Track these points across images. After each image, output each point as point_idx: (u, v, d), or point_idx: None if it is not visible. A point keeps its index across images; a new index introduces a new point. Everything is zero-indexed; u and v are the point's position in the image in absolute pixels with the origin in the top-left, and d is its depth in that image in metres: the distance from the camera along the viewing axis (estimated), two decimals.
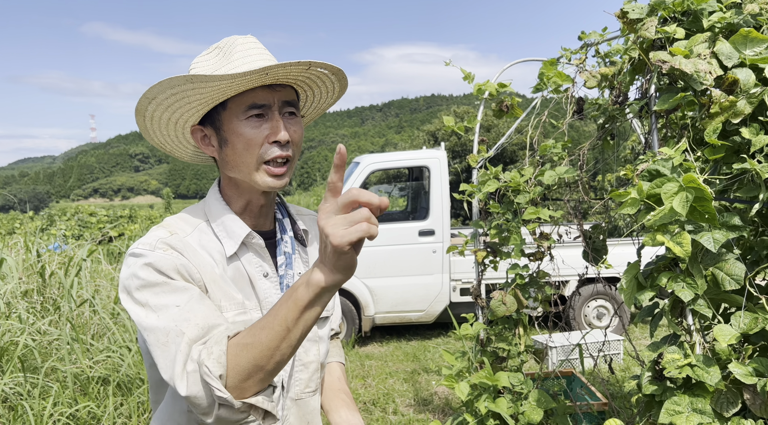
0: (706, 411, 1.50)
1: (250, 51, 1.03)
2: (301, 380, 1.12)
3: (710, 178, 1.74)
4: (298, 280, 0.86)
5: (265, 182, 1.03)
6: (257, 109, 1.01)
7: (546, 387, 2.72)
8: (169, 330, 0.89)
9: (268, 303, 1.06)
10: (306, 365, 1.13)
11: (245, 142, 1.01)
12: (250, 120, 1.01)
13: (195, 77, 0.95)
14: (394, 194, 10.67)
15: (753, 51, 1.59)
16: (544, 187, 2.67)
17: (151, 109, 1.04)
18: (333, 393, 1.24)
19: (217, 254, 1.04)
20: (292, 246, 1.13)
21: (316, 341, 1.15)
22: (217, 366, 0.84)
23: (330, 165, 51.30)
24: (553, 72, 2.64)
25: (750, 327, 1.53)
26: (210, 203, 1.10)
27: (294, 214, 1.19)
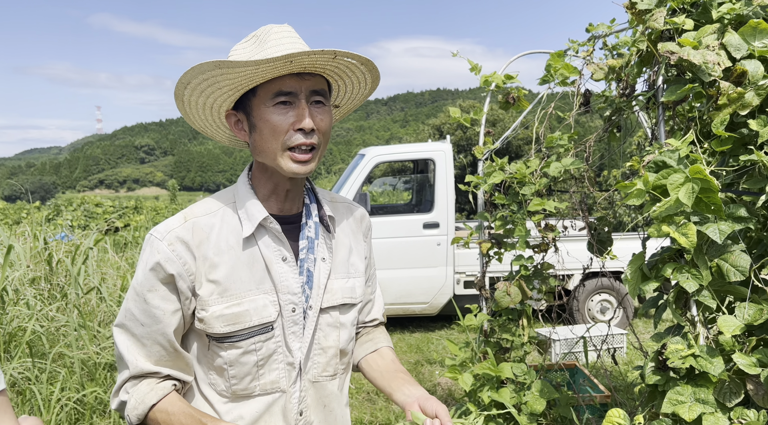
0: (709, 401, 1.51)
1: (284, 40, 1.05)
2: (319, 363, 1.14)
3: (717, 169, 1.74)
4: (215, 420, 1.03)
5: (289, 168, 1.06)
6: (284, 96, 1.03)
7: (549, 378, 2.73)
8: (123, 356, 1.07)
9: (284, 287, 1.09)
10: (324, 349, 1.14)
11: (271, 128, 1.04)
12: (277, 107, 1.04)
13: (222, 63, 0.99)
14: (399, 187, 10.68)
15: (762, 43, 1.59)
16: (549, 178, 2.67)
17: (187, 93, 1.08)
18: (391, 375, 1.23)
19: (234, 238, 1.08)
20: (316, 231, 1.15)
21: (337, 327, 1.16)
22: (133, 417, 1.06)
23: (334, 158, 50.91)
24: (561, 64, 2.64)
25: (755, 318, 1.54)
26: (238, 187, 1.14)
27: (323, 199, 1.20)
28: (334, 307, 1.15)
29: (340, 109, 1.26)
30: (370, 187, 11.22)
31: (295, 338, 1.10)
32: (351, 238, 1.24)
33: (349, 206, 1.29)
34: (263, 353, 1.07)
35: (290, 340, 1.09)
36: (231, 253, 1.07)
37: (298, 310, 1.09)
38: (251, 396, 1.09)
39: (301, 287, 1.10)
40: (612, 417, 1.71)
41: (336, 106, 1.24)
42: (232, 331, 1.05)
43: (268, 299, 1.08)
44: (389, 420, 3.72)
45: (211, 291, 1.05)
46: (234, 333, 1.06)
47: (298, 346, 1.10)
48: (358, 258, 1.24)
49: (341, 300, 1.16)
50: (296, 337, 1.10)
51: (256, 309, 1.06)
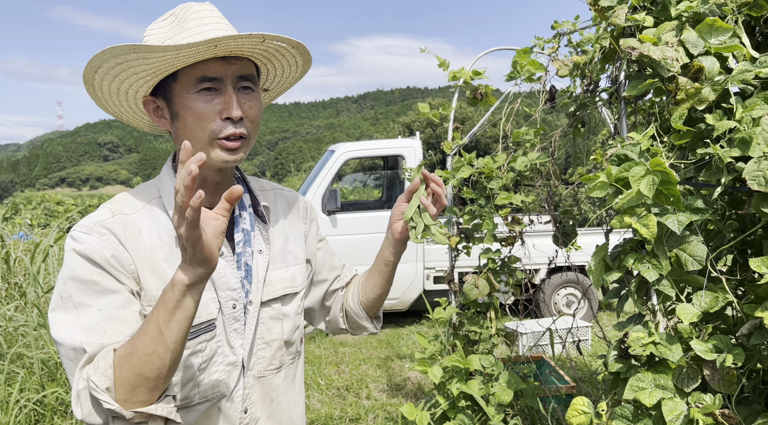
0: (668, 386, 1.56)
1: (206, 20, 0.98)
2: (264, 358, 1.10)
3: (676, 162, 1.79)
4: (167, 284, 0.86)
5: (219, 157, 0.99)
6: (208, 82, 0.96)
7: (516, 370, 2.78)
8: (75, 346, 0.89)
9: (223, 283, 1.03)
10: (269, 343, 1.10)
11: (196, 116, 0.97)
12: (201, 93, 0.96)
13: (138, 47, 0.90)
14: (369, 183, 10.68)
15: (717, 40, 1.64)
16: (516, 173, 2.71)
17: (98, 78, 0.98)
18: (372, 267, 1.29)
19: (166, 234, 1.01)
20: (251, 223, 1.10)
21: (280, 319, 1.12)
22: (103, 380, 0.84)
23: (304, 155, 50.36)
24: (527, 60, 2.68)
25: (711, 306, 1.59)
26: (163, 180, 1.06)
27: (255, 190, 1.15)
28: (276, 299, 1.12)
29: (269, 93, 1.20)
30: (341, 184, 11.19)
31: (237, 335, 1.05)
32: (287, 225, 1.20)
33: (282, 192, 1.25)
34: (207, 353, 1.01)
35: (232, 338, 1.04)
36: (166, 249, 1.00)
37: (238, 306, 1.05)
38: (190, 406, 1.02)
39: (240, 282, 1.06)
40: (576, 405, 1.75)
41: (265, 90, 1.18)
42: None
43: (208, 296, 1.02)
44: (359, 415, 3.73)
45: (157, 286, 0.97)
46: None
47: (240, 343, 1.05)
48: (297, 245, 1.21)
49: (282, 291, 1.13)
50: (238, 334, 1.05)
51: (201, 305, 1.00)
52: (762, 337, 1.42)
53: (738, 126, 1.54)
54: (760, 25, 1.77)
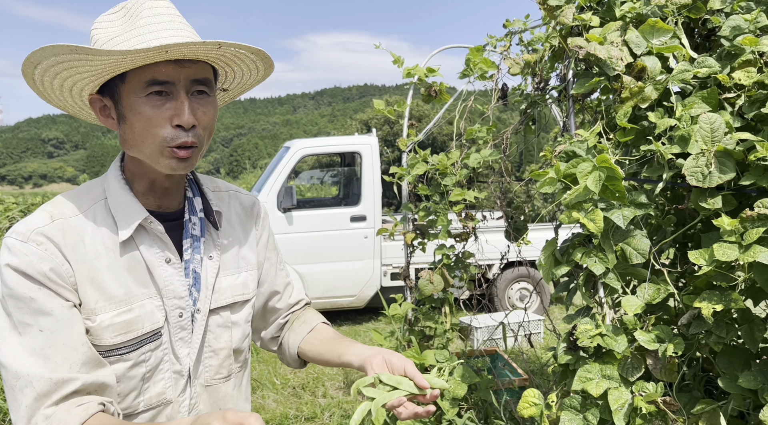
0: (614, 376, 1.61)
1: (159, 17, 0.92)
2: (211, 366, 1.07)
3: (621, 159, 1.85)
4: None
5: (168, 165, 0.94)
6: (159, 85, 0.90)
7: (471, 364, 2.81)
8: (20, 374, 0.85)
9: (169, 291, 1.00)
10: (216, 351, 1.07)
11: (144, 122, 0.91)
12: (151, 97, 0.91)
13: (79, 49, 0.85)
14: (326, 180, 10.62)
15: (659, 40, 1.70)
16: (469, 169, 2.74)
17: (38, 73, 0.92)
18: (336, 342, 1.15)
19: (110, 240, 0.96)
20: (201, 228, 1.05)
21: (229, 327, 1.09)
22: None
23: (261, 152, 49.63)
24: (479, 58, 2.71)
25: (653, 297, 1.65)
26: (110, 181, 1.00)
27: (209, 192, 1.10)
28: (224, 307, 1.08)
29: (228, 93, 1.15)
30: (298, 181, 11.08)
31: (183, 344, 1.02)
32: (240, 230, 1.16)
33: (237, 194, 1.20)
34: (151, 363, 0.98)
35: (177, 347, 1.01)
36: (110, 256, 0.95)
37: (185, 315, 1.01)
38: (134, 414, 0.98)
39: (188, 290, 1.02)
40: (528, 397, 1.78)
41: (224, 90, 1.13)
42: (122, 342, 0.95)
43: (154, 304, 0.98)
44: (315, 413, 3.71)
45: (95, 298, 0.92)
46: (124, 343, 0.95)
47: (187, 352, 1.02)
48: (249, 250, 1.16)
49: (231, 298, 1.09)
50: (184, 343, 1.02)
51: (146, 314, 0.97)
52: (700, 327, 1.48)
53: (678, 124, 1.60)
54: (698, 26, 1.84)
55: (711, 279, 1.46)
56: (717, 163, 1.46)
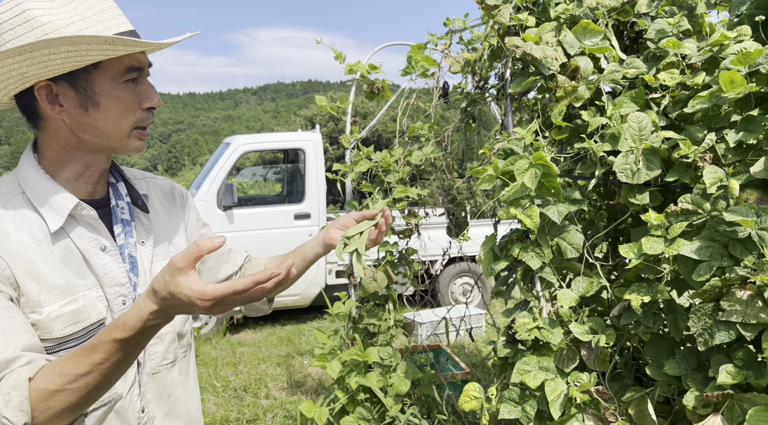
0: (551, 368, 1.65)
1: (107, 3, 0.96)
2: (157, 353, 1.06)
3: (556, 156, 1.90)
4: (113, 322, 0.81)
5: (135, 146, 1.00)
6: (135, 71, 0.97)
7: (414, 360, 2.83)
8: None
9: (110, 279, 0.98)
10: (161, 337, 1.06)
11: (123, 106, 0.96)
12: (127, 84, 0.96)
13: (77, 39, 0.86)
14: (270, 178, 10.44)
15: (591, 41, 1.76)
16: (412, 166, 2.76)
17: None
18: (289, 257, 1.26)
19: (39, 232, 0.93)
20: (130, 212, 1.06)
21: None
22: (19, 416, 0.78)
23: (201, 148, 48.29)
24: (421, 56, 2.72)
25: (587, 290, 1.71)
26: (25, 173, 0.97)
27: (130, 178, 1.11)
28: None
29: None
30: (240, 178, 10.83)
31: None
32: (164, 215, 1.16)
33: (154, 180, 1.21)
34: None
35: None
36: (43, 248, 0.93)
37: (128, 302, 1.00)
38: (87, 412, 0.94)
39: (127, 275, 1.01)
40: (468, 391, 1.81)
41: None
42: (72, 333, 0.93)
43: (94, 295, 0.96)
44: (257, 415, 3.64)
45: (38, 290, 0.91)
46: (74, 335, 0.93)
47: None
48: (178, 236, 1.17)
49: None
50: None
51: (91, 304, 0.95)
52: (630, 318, 1.55)
53: (609, 122, 1.66)
54: (627, 29, 1.92)
55: (640, 271, 1.52)
56: (644, 160, 1.53)
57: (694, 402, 1.26)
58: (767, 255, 1.18)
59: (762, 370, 1.18)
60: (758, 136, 1.31)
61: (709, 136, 1.40)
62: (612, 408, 1.50)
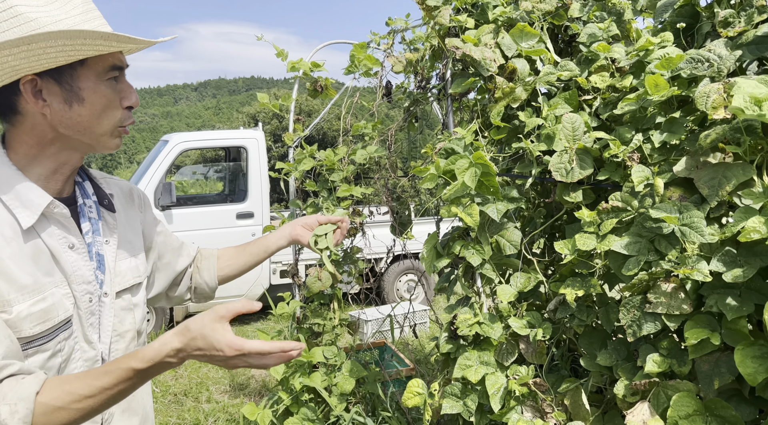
0: (491, 362, 1.69)
1: (89, 4, 0.99)
2: (119, 350, 1.08)
3: (495, 155, 1.95)
4: (132, 353, 0.88)
5: (115, 144, 1.04)
6: (118, 70, 1.01)
7: (359, 358, 2.84)
8: None
9: (78, 276, 1.00)
10: (122, 335, 1.09)
11: (106, 103, 0.99)
12: (111, 81, 1.00)
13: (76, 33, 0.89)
14: (211, 176, 10.17)
15: (527, 44, 1.81)
16: (357, 165, 2.75)
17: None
18: (248, 249, 1.43)
19: (9, 229, 0.93)
20: (97, 211, 1.08)
21: (131, 309, 1.11)
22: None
23: (138, 146, 47.10)
24: (364, 55, 2.72)
25: (525, 285, 1.76)
26: None
27: (96, 177, 1.14)
28: (126, 290, 1.11)
29: None
30: (180, 177, 10.49)
31: (93, 330, 1.03)
32: (124, 215, 1.18)
33: (113, 181, 1.23)
34: (66, 352, 0.98)
35: (89, 333, 1.02)
36: (13, 246, 0.93)
37: (94, 299, 1.03)
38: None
39: (94, 274, 1.03)
40: (412, 387, 1.82)
41: None
42: (41, 332, 0.93)
43: (61, 292, 0.97)
44: (198, 420, 3.54)
45: (7, 289, 0.90)
46: (42, 333, 0.94)
47: (98, 337, 1.03)
48: (135, 235, 1.21)
49: (132, 280, 1.12)
50: (94, 329, 1.03)
51: (59, 301, 0.96)
52: (565, 311, 1.61)
53: (544, 123, 1.71)
54: (561, 32, 1.99)
55: (574, 267, 1.58)
56: (578, 159, 1.59)
57: (623, 390, 1.32)
58: (689, 249, 1.25)
59: (684, 358, 1.25)
60: (680, 136, 1.38)
61: (636, 137, 1.48)
62: (549, 399, 1.55)
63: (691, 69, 1.36)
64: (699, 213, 1.23)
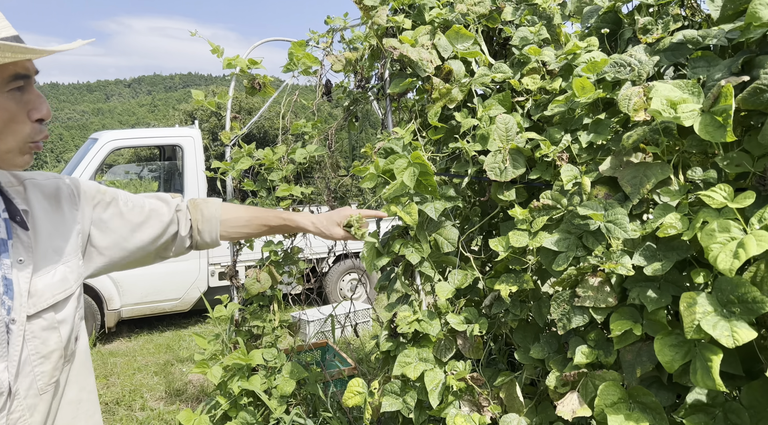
0: (430, 359, 1.72)
1: None
2: (44, 373, 0.98)
3: (433, 155, 1.98)
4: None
5: (25, 162, 0.93)
6: (22, 80, 0.88)
7: (300, 360, 2.81)
8: None
9: None
10: (46, 356, 0.99)
11: (8, 118, 0.88)
12: (13, 93, 0.88)
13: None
14: (145, 175, 9.79)
15: (463, 46, 1.85)
16: (296, 164, 2.72)
17: None
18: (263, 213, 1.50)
19: None
20: (7, 230, 0.96)
21: (56, 327, 1.01)
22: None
23: (66, 144, 44.92)
24: (302, 53, 2.69)
25: (462, 282, 1.79)
26: None
27: (8, 190, 1.00)
28: (47, 309, 1.00)
29: None
30: (112, 176, 10.03)
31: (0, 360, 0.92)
32: (47, 222, 1.06)
33: (35, 182, 1.10)
34: None
35: None
36: None
37: (1, 327, 0.91)
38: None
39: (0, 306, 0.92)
40: (352, 386, 1.82)
41: None
42: None
43: None
44: None
45: None
46: None
47: (5, 366, 0.92)
48: (65, 240, 1.08)
49: (52, 299, 1.01)
50: (1, 358, 0.91)
51: None
52: (500, 306, 1.65)
53: (479, 123, 1.75)
54: (496, 35, 2.04)
55: (508, 263, 1.62)
56: (511, 159, 1.64)
57: (555, 382, 1.37)
58: (614, 245, 1.31)
59: (610, 349, 1.31)
60: (606, 137, 1.45)
61: (565, 137, 1.53)
62: (485, 393, 1.59)
63: (614, 73, 1.43)
64: (622, 210, 1.30)
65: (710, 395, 1.16)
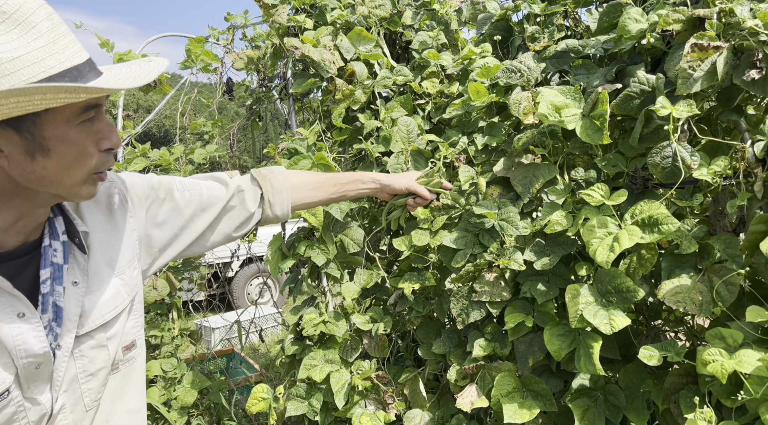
0: (336, 360, 1.71)
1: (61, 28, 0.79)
2: (92, 390, 0.97)
3: (338, 156, 1.98)
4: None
5: (89, 192, 0.89)
6: (93, 110, 0.83)
7: (203, 368, 2.70)
8: None
9: (22, 351, 0.84)
10: (94, 374, 0.97)
11: (78, 151, 0.83)
12: (84, 124, 0.83)
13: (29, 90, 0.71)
14: None
15: (365, 48, 1.86)
16: (195, 165, 2.62)
17: None
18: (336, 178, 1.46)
19: None
20: (64, 254, 0.92)
21: (105, 345, 0.98)
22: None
23: None
24: (200, 50, 2.60)
25: (367, 282, 1.81)
26: None
27: (69, 211, 0.95)
28: (96, 329, 0.97)
29: None
30: None
31: (39, 391, 0.89)
32: (103, 233, 1.01)
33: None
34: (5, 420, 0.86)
35: (35, 394, 0.88)
36: None
37: (42, 366, 0.88)
38: None
39: (46, 336, 0.88)
40: (256, 393, 1.78)
41: None
42: None
43: (1, 361, 0.83)
44: None
45: None
46: None
47: (48, 398, 0.90)
48: (117, 251, 1.03)
49: (100, 320, 0.98)
50: (40, 391, 0.89)
51: None
52: (404, 304, 1.68)
53: (382, 125, 1.78)
54: (398, 38, 2.08)
55: (412, 262, 1.66)
56: (413, 160, 1.67)
57: (455, 375, 1.42)
58: (507, 242, 1.38)
59: (505, 341, 1.38)
60: (499, 139, 1.52)
61: (462, 139, 1.59)
62: (390, 390, 1.61)
63: (506, 78, 1.50)
64: (514, 209, 1.37)
65: (592, 379, 1.25)
